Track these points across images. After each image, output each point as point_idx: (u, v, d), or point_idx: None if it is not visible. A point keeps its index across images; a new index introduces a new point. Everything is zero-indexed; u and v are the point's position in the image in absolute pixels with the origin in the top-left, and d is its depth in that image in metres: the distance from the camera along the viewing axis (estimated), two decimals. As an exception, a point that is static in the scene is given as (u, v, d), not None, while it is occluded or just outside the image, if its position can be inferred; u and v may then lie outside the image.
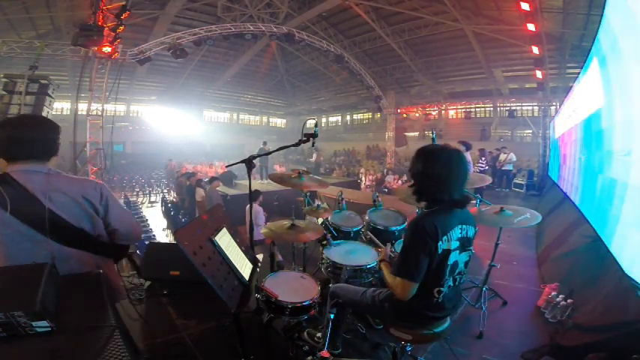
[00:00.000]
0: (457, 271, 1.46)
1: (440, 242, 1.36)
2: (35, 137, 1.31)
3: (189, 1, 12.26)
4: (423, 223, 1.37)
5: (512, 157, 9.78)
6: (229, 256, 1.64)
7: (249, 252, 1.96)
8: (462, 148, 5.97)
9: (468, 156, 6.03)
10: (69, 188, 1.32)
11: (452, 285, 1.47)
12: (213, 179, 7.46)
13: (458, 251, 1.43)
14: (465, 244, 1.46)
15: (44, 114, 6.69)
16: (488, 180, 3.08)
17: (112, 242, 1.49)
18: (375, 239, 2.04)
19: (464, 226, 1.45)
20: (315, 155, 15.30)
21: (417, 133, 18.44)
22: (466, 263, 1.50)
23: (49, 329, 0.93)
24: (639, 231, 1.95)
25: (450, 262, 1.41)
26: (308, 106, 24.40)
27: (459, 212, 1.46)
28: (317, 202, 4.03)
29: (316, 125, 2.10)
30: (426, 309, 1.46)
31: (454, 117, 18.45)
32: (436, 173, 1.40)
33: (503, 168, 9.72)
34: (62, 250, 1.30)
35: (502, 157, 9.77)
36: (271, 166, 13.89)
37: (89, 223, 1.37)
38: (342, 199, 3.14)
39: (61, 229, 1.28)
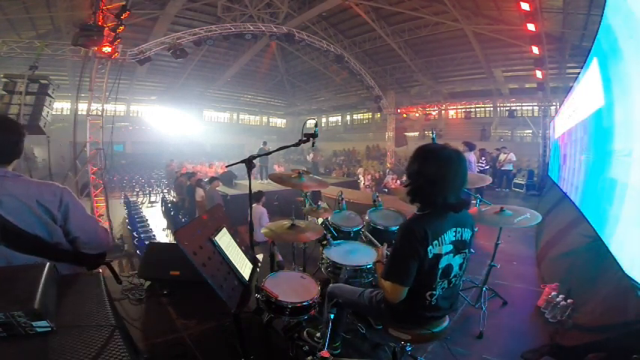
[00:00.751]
0: (452, 274, 1.43)
1: (430, 247, 1.32)
2: (4, 143, 1.26)
3: (189, 1, 12.25)
4: (412, 228, 1.34)
5: (512, 157, 9.78)
6: (229, 256, 1.64)
7: (249, 252, 1.96)
8: (465, 148, 5.98)
9: (472, 156, 6.04)
10: (23, 192, 1.25)
11: (446, 287, 1.44)
12: (213, 179, 7.47)
13: (451, 254, 1.39)
14: (460, 246, 1.42)
15: (44, 114, 6.70)
16: (489, 180, 3.09)
17: (77, 251, 1.40)
18: (373, 239, 2.03)
19: (459, 228, 1.41)
20: (312, 154, 15.22)
21: (417, 133, 18.44)
22: (461, 265, 1.46)
23: (49, 329, 0.93)
24: (639, 231, 1.95)
25: (442, 265, 1.37)
26: (308, 106, 24.41)
27: (454, 214, 1.40)
28: (320, 203, 4.02)
29: (316, 125, 2.10)
30: (422, 310, 1.45)
31: (454, 117, 18.46)
32: (431, 174, 1.34)
33: (503, 168, 9.72)
34: (17, 256, 1.23)
35: (502, 157, 9.77)
36: (271, 166, 13.89)
37: (44, 229, 1.28)
38: (342, 199, 3.14)
39: (12, 234, 1.21)
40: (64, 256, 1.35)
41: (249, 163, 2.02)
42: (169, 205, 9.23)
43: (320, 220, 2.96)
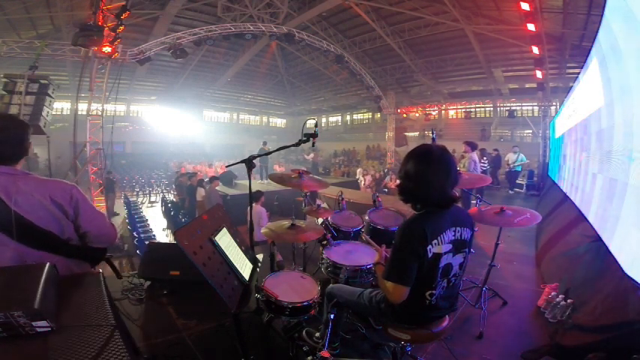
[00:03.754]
0: (451, 273, 1.43)
1: (429, 246, 1.33)
2: (17, 140, 1.28)
3: (189, 1, 12.26)
4: (411, 227, 1.35)
5: (523, 158, 9.73)
6: (229, 256, 1.64)
7: (249, 252, 1.96)
8: (467, 148, 5.98)
9: (474, 156, 6.02)
10: (36, 190, 1.28)
11: (446, 286, 1.44)
12: (213, 179, 7.47)
13: (451, 254, 1.40)
14: (459, 246, 1.43)
15: (44, 114, 6.70)
16: (489, 180, 3.08)
17: (85, 245, 1.45)
18: (371, 241, 2.02)
19: (458, 228, 1.41)
20: (312, 154, 15.21)
21: (417, 133, 18.46)
22: (461, 265, 1.46)
23: (49, 329, 0.93)
24: (639, 231, 1.95)
25: (442, 265, 1.38)
26: (308, 106, 24.43)
27: (452, 214, 1.41)
28: (318, 202, 4.02)
29: (316, 125, 2.10)
30: (421, 309, 1.45)
31: (454, 117, 18.48)
32: (412, 173, 1.37)
33: (513, 170, 9.68)
34: (31, 252, 1.27)
35: (512, 157, 9.72)
36: (271, 166, 13.89)
37: (57, 225, 1.33)
38: (342, 199, 3.14)
39: (27, 231, 1.25)
40: (74, 251, 1.41)
41: (249, 163, 2.02)
42: (169, 205, 9.22)
43: (320, 220, 2.96)
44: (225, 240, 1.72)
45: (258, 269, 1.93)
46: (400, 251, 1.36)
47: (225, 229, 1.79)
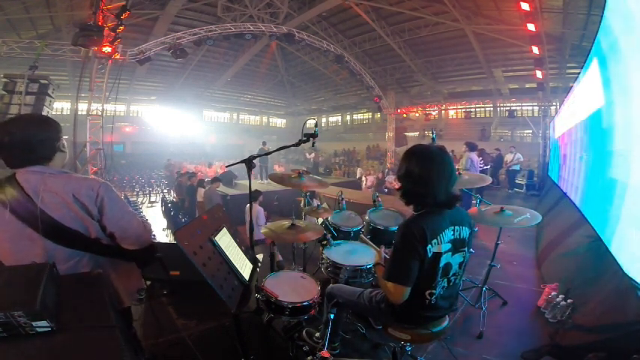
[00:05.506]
0: (451, 272, 1.44)
1: (429, 246, 1.33)
2: (26, 142, 1.26)
3: (189, 1, 12.25)
4: (411, 227, 1.35)
5: (520, 156, 9.80)
6: (229, 256, 1.64)
7: (249, 252, 1.96)
8: (466, 149, 5.98)
9: (474, 156, 6.03)
10: (61, 188, 1.27)
11: (445, 286, 1.45)
12: (215, 180, 7.48)
13: (450, 253, 1.40)
14: (459, 245, 1.43)
15: (44, 114, 6.69)
16: (489, 180, 3.08)
17: (118, 245, 1.39)
18: (370, 242, 2.01)
19: (457, 227, 1.42)
20: (313, 154, 15.19)
21: (417, 133, 18.44)
22: (460, 264, 1.47)
23: (49, 329, 0.93)
24: (639, 231, 1.95)
25: (442, 264, 1.38)
26: (308, 106, 24.43)
27: (451, 213, 1.42)
28: (315, 202, 4.02)
29: (316, 125, 2.10)
30: (421, 309, 1.45)
31: (454, 117, 18.48)
32: (416, 174, 1.37)
33: (510, 168, 9.73)
34: (59, 250, 1.27)
35: (509, 156, 9.75)
36: (271, 166, 13.88)
37: (80, 225, 1.30)
38: (342, 199, 3.14)
39: (54, 229, 1.25)
40: (107, 251, 1.37)
41: (249, 163, 2.02)
42: (169, 205, 9.22)
43: (320, 220, 2.96)
44: (225, 240, 1.72)
45: (258, 269, 1.93)
46: (401, 251, 1.37)
47: (225, 229, 1.79)
